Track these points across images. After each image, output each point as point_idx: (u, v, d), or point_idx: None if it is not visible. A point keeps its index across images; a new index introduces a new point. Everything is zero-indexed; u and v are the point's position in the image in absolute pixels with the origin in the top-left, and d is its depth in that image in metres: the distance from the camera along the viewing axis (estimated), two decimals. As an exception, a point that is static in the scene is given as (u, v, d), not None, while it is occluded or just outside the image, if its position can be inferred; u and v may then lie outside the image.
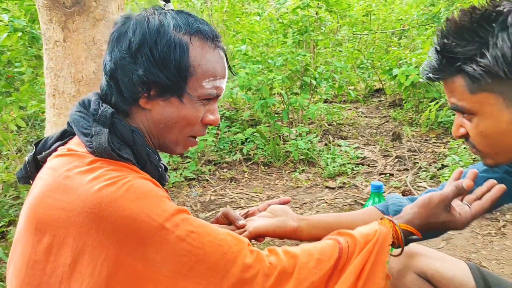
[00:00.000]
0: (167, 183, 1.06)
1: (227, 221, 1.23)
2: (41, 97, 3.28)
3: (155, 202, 0.84)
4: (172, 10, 0.98)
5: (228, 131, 4.44)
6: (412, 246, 1.38)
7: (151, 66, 0.91)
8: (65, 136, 0.98)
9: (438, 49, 0.94)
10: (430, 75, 0.98)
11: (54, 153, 0.93)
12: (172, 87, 0.93)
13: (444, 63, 0.94)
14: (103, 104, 0.95)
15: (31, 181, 0.95)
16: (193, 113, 0.97)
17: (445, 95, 1.03)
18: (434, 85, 4.45)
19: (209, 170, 3.92)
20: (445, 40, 0.92)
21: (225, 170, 3.98)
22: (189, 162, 3.97)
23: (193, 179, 3.81)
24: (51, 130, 1.88)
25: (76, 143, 0.93)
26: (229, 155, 4.16)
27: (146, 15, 0.94)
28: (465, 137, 1.00)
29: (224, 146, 4.21)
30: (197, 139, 1.04)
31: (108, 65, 0.95)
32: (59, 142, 0.97)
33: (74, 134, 0.94)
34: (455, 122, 1.01)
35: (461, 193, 1.02)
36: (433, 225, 1.01)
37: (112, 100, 0.96)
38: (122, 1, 1.91)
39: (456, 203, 1.06)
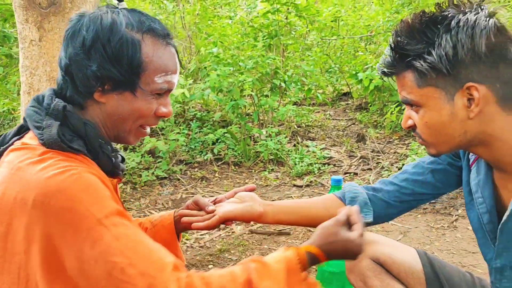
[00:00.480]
0: (123, 173, 1.11)
1: (197, 207, 1.32)
2: (12, 95, 3.29)
3: (98, 198, 0.88)
4: (125, 9, 1.02)
5: (200, 131, 4.52)
6: (368, 235, 1.52)
7: (104, 62, 0.95)
8: (22, 131, 1.02)
9: (392, 46, 1.05)
10: (385, 69, 1.08)
11: (10, 148, 0.96)
12: (125, 82, 0.98)
13: (397, 58, 1.04)
14: (56, 98, 0.99)
15: None
16: (145, 106, 1.01)
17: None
18: (392, 85, 4.66)
19: (180, 169, 4.00)
20: (398, 39, 1.03)
21: (196, 169, 4.06)
22: (160, 161, 4.03)
23: (165, 178, 3.87)
24: (25, 126, 1.93)
25: (30, 137, 0.97)
26: (200, 155, 4.24)
27: (99, 14, 0.98)
28: (413, 128, 1.11)
29: (195, 146, 4.29)
30: (147, 130, 1.08)
31: (63, 61, 0.98)
32: (17, 137, 1.01)
33: (29, 129, 0.98)
34: (404, 115, 1.12)
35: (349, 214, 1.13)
36: (336, 244, 1.09)
37: (67, 94, 1.00)
38: (96, 2, 1.99)
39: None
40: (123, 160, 1.13)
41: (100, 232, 0.86)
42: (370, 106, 5.35)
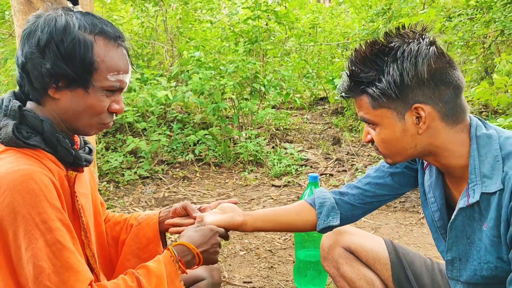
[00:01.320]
0: (88, 164, 1.17)
1: (185, 212, 1.43)
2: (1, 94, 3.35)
3: (41, 202, 0.94)
4: (80, 12, 1.08)
5: (181, 133, 4.64)
6: (341, 227, 1.68)
7: (58, 61, 1.01)
8: None
9: (348, 74, 1.17)
10: (343, 94, 1.22)
11: None
12: (78, 80, 1.04)
13: (352, 85, 1.17)
14: (13, 100, 1.05)
15: None
16: (97, 103, 1.07)
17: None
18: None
19: (162, 169, 4.11)
20: (353, 68, 1.16)
21: (177, 169, 4.18)
22: (142, 161, 4.13)
23: (147, 177, 3.98)
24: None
25: None
26: (182, 155, 4.36)
27: (54, 15, 1.04)
28: (371, 141, 1.25)
29: (176, 147, 4.41)
30: (110, 123, 1.14)
31: (20, 59, 1.04)
32: None
33: None
34: (364, 131, 1.26)
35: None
36: (192, 234, 1.27)
37: (25, 90, 1.07)
38: (92, 8, 2.11)
39: None
40: (90, 151, 1.21)
41: (35, 236, 0.93)
42: (346, 111, 5.56)
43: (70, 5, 1.18)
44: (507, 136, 1.14)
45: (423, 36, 1.12)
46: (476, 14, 4.96)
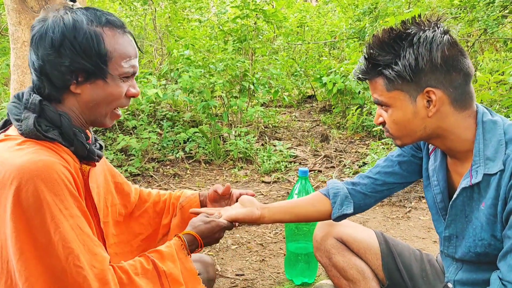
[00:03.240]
0: (99, 159, 1.22)
1: (218, 195, 1.55)
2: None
3: (62, 190, 1.00)
4: (80, 8, 1.12)
5: (171, 130, 4.66)
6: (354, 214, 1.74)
7: (75, 57, 1.05)
8: (7, 124, 1.14)
9: (366, 56, 1.23)
10: (360, 76, 1.28)
11: None
12: (96, 71, 1.09)
13: (370, 67, 1.24)
14: (33, 94, 1.09)
15: None
16: (116, 90, 1.13)
17: (370, 97, 1.35)
18: (357, 93, 4.97)
19: (153, 167, 4.13)
20: (371, 51, 1.23)
21: (168, 167, 4.21)
22: (133, 159, 4.15)
23: (138, 175, 4.00)
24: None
25: (12, 129, 1.10)
26: (172, 153, 4.39)
27: (59, 16, 1.08)
28: (383, 124, 1.31)
29: (167, 145, 4.43)
30: (119, 112, 1.20)
31: (36, 63, 1.08)
32: (1, 130, 1.13)
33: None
34: (376, 113, 1.33)
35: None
36: (201, 226, 1.35)
37: (46, 92, 1.10)
38: (84, 5, 2.14)
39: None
40: (101, 147, 1.27)
41: (61, 220, 0.99)
42: (334, 108, 5.64)
43: (69, 3, 1.21)
44: (511, 123, 1.21)
45: (438, 25, 1.19)
46: (460, 13, 5.07)
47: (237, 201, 1.58)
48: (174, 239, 1.26)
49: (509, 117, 3.16)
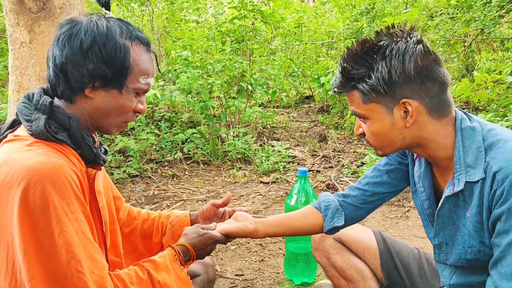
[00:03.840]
0: (104, 163, 1.23)
1: (214, 210, 1.55)
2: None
3: (69, 194, 1.01)
4: (113, 17, 1.16)
5: (169, 131, 4.67)
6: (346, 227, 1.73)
7: (100, 63, 1.08)
8: (15, 124, 1.16)
9: (341, 70, 1.23)
10: (336, 89, 1.29)
11: (4, 140, 1.10)
12: (115, 81, 1.11)
13: (344, 81, 1.22)
14: (44, 95, 1.11)
15: None
16: (128, 103, 1.15)
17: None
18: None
19: (151, 168, 4.13)
20: (345, 65, 1.23)
21: (166, 168, 4.21)
22: (131, 160, 4.15)
23: (136, 176, 4.00)
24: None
25: (21, 129, 1.11)
26: (170, 154, 4.39)
27: (94, 20, 1.11)
28: (363, 134, 1.31)
29: (165, 146, 4.43)
30: (127, 124, 1.21)
31: (59, 59, 1.09)
32: (10, 130, 1.14)
33: (21, 122, 1.11)
34: (355, 124, 1.33)
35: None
36: (194, 238, 1.34)
37: (59, 89, 1.12)
38: (82, 9, 2.14)
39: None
40: (106, 152, 1.28)
41: (66, 224, 0.99)
42: (331, 108, 5.65)
43: (104, 10, 1.25)
44: (490, 128, 1.20)
45: (411, 35, 1.18)
46: (457, 14, 5.09)
47: (230, 217, 1.58)
48: (168, 250, 1.25)
49: (507, 116, 3.17)
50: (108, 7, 1.22)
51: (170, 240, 1.48)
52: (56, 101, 1.15)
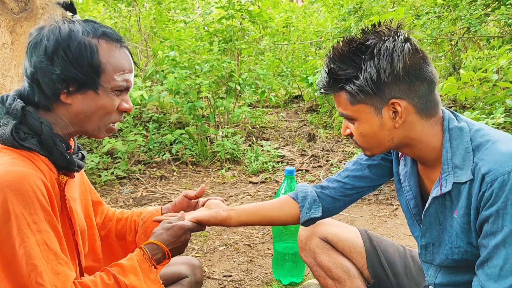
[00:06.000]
0: (79, 169, 1.19)
1: (187, 202, 1.50)
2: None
3: (33, 204, 0.98)
4: (79, 19, 1.13)
5: (157, 132, 4.64)
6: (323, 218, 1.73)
7: (67, 66, 1.05)
8: None
9: (327, 71, 1.19)
10: (322, 90, 1.26)
11: None
12: (88, 82, 1.08)
13: (331, 83, 1.19)
14: (17, 99, 1.08)
15: None
16: (108, 102, 1.12)
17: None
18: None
19: (139, 169, 4.11)
20: (332, 65, 1.19)
21: (154, 169, 4.18)
22: (119, 162, 4.12)
23: (124, 177, 3.97)
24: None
25: None
26: (158, 155, 4.37)
27: (57, 24, 1.09)
28: (350, 135, 1.29)
29: (153, 147, 4.41)
30: (115, 125, 1.19)
31: (29, 70, 1.08)
32: None
33: None
34: (343, 125, 1.30)
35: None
36: (163, 233, 1.28)
37: (35, 100, 1.09)
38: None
39: None
40: (83, 157, 1.25)
41: (27, 235, 0.97)
42: (320, 108, 5.66)
43: (69, 14, 1.22)
44: (477, 128, 1.19)
45: (398, 33, 1.16)
46: (443, 12, 5.13)
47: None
48: (136, 250, 1.22)
49: (492, 114, 3.19)
50: (73, 10, 1.19)
51: (142, 237, 1.44)
52: (29, 107, 1.11)
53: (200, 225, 1.40)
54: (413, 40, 1.17)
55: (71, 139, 1.21)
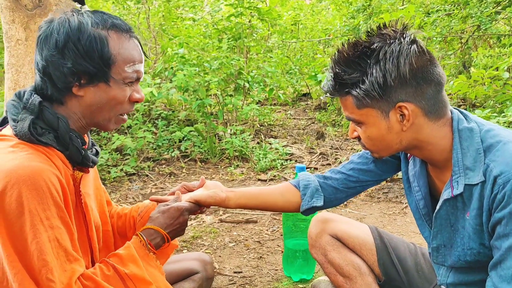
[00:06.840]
0: (93, 165, 1.20)
1: (185, 190, 1.47)
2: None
3: (46, 199, 0.99)
4: (88, 10, 1.13)
5: (166, 129, 4.66)
6: (326, 214, 1.73)
7: (78, 58, 1.06)
8: (4, 122, 1.15)
9: (333, 75, 1.18)
10: (328, 94, 1.25)
11: None
12: (99, 74, 1.08)
13: (337, 87, 1.18)
14: (34, 94, 1.09)
15: None
16: (120, 93, 1.12)
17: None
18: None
19: (148, 166, 4.13)
20: (337, 70, 1.16)
21: (163, 166, 4.20)
22: (128, 159, 4.14)
23: (133, 174, 3.99)
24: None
25: (8, 128, 1.09)
26: (167, 152, 4.39)
27: (66, 17, 1.09)
28: (358, 138, 1.28)
29: (162, 144, 4.43)
30: (125, 116, 1.19)
31: (40, 63, 1.08)
32: (0, 127, 1.14)
33: None
34: (350, 128, 1.29)
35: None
36: (160, 217, 1.27)
37: (48, 93, 1.10)
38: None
39: None
40: (97, 153, 1.25)
41: (39, 230, 0.98)
42: (329, 106, 5.65)
43: (77, 5, 1.21)
44: (487, 129, 1.18)
45: (404, 35, 1.14)
46: (453, 10, 5.09)
47: None
48: (133, 238, 1.21)
49: (503, 112, 3.18)
50: (81, 1, 1.19)
51: None
52: (47, 104, 1.12)
53: (198, 205, 1.38)
54: (420, 42, 1.15)
55: (85, 134, 1.22)
